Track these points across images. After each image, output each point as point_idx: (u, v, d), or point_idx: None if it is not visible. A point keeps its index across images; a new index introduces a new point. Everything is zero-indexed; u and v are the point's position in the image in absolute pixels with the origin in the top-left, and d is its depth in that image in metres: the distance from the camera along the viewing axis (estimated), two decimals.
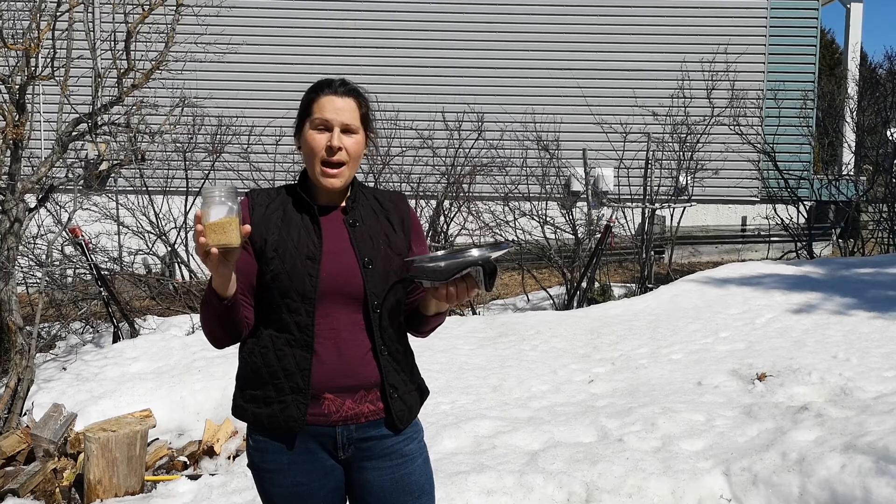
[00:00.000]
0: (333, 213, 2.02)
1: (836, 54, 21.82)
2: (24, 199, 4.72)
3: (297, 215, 2.00)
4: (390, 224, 2.06)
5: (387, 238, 2.03)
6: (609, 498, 3.41)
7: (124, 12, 4.89)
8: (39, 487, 4.09)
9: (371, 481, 2.02)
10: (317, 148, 1.96)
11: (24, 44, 4.42)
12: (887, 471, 3.17)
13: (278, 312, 1.96)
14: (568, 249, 8.94)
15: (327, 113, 1.96)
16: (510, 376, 5.19)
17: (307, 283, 1.94)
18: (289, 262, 1.94)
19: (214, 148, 9.53)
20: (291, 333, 1.95)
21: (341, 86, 2.00)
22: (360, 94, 2.03)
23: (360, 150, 2.01)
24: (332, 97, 1.98)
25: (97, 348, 6.55)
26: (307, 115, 2.00)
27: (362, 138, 2.02)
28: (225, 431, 4.68)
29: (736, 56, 10.91)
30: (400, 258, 2.03)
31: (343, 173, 1.98)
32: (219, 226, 1.74)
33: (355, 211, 2.03)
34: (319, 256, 1.96)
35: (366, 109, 2.03)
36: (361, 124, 2.01)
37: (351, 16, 11.98)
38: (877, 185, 10.45)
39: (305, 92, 2.03)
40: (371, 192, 2.10)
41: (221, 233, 1.74)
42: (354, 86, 2.03)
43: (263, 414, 1.98)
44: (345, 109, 1.97)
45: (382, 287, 1.99)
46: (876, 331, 5.56)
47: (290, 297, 1.94)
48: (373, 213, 2.05)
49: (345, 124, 1.97)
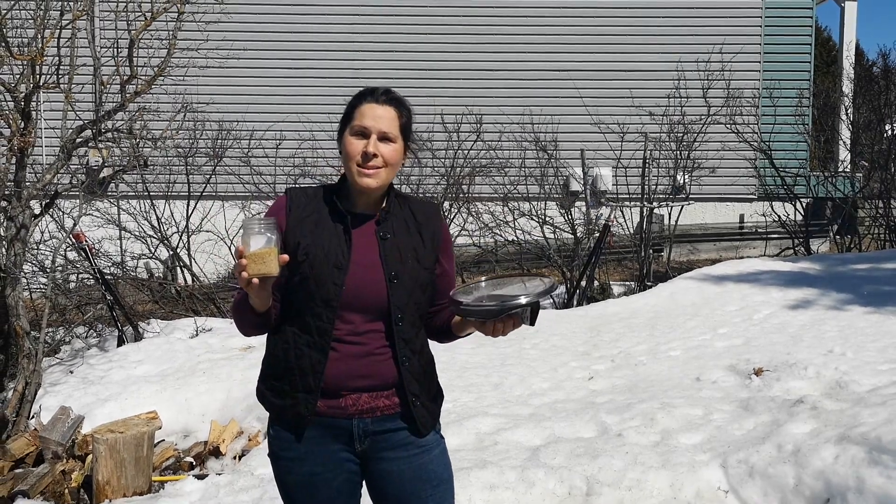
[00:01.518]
0: (366, 223, 2.07)
1: (833, 52, 21.86)
2: (29, 206, 4.78)
3: (330, 222, 2.05)
4: (421, 238, 2.10)
5: (415, 252, 2.08)
6: (609, 491, 3.48)
7: (127, 20, 4.96)
8: (49, 489, 4.16)
9: (390, 471, 2.08)
10: (353, 153, 2.02)
11: (29, 54, 4.49)
12: (880, 461, 3.24)
13: (303, 314, 2.04)
14: (567, 249, 9.01)
15: (366, 120, 2.02)
16: (511, 374, 5.26)
17: (331, 291, 2.00)
18: (317, 268, 2.01)
19: (215, 153, 9.60)
20: (312, 336, 2.03)
21: (383, 94, 2.05)
22: (402, 103, 2.08)
23: (398, 158, 2.06)
24: (373, 105, 2.03)
25: (102, 352, 6.61)
26: (349, 120, 2.06)
27: (401, 147, 2.06)
28: (230, 432, 4.74)
29: (731, 55, 10.99)
30: (427, 272, 2.08)
31: (379, 174, 2.02)
32: (258, 256, 1.86)
33: (387, 223, 2.08)
34: (347, 266, 2.01)
35: (406, 119, 2.08)
36: (400, 133, 2.06)
37: (350, 20, 12.06)
38: (873, 182, 10.51)
39: (350, 99, 2.09)
40: (406, 203, 2.14)
41: (261, 263, 1.86)
42: (397, 95, 2.08)
43: (277, 404, 2.09)
44: (384, 118, 2.02)
45: (406, 300, 2.05)
46: (871, 325, 5.62)
47: (314, 302, 2.01)
48: (405, 225, 2.10)
49: (382, 132, 2.02)
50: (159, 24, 5.09)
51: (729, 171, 11.34)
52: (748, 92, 10.84)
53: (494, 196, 9.46)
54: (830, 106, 11.74)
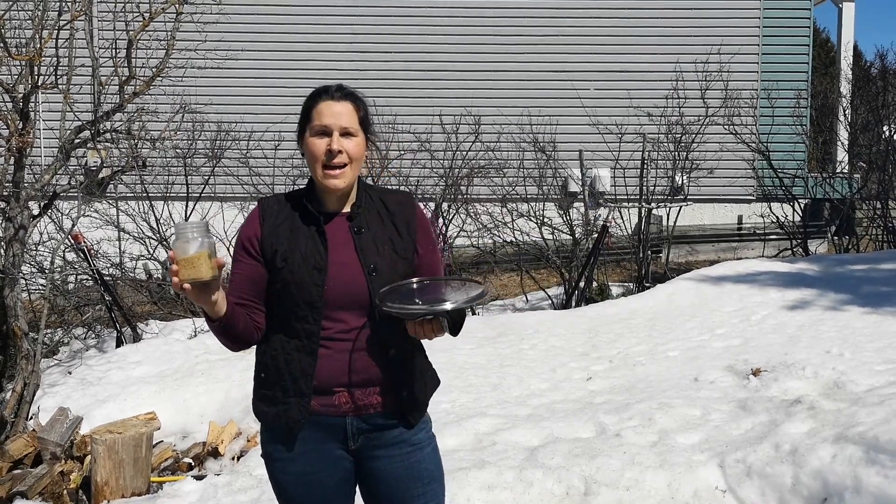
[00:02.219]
0: (339, 219, 2.08)
1: (831, 53, 21.89)
2: (28, 207, 4.79)
3: (304, 225, 2.06)
4: (395, 228, 2.10)
5: (392, 243, 2.09)
6: (607, 491, 3.48)
7: (125, 21, 4.96)
8: (47, 489, 4.16)
9: (382, 469, 2.10)
10: (317, 153, 2.03)
11: (27, 54, 4.49)
12: (877, 460, 3.25)
13: (288, 319, 2.05)
14: (566, 250, 9.02)
15: (326, 118, 2.03)
16: (510, 375, 5.26)
17: (314, 293, 2.01)
18: (297, 272, 2.02)
19: (214, 153, 9.60)
20: (300, 339, 2.04)
21: (337, 91, 2.07)
22: (357, 97, 2.09)
23: (361, 151, 2.08)
24: (330, 102, 2.04)
25: (100, 353, 6.62)
26: (307, 122, 2.07)
27: (362, 140, 2.08)
28: (229, 433, 4.75)
29: (729, 56, 10.99)
30: (405, 262, 2.09)
31: (346, 174, 2.04)
32: (188, 261, 1.82)
33: (360, 217, 2.09)
34: (326, 266, 2.03)
35: (364, 112, 2.09)
36: (360, 126, 2.07)
37: (349, 21, 12.06)
38: (870, 183, 10.52)
39: (304, 100, 2.10)
40: (377, 194, 2.15)
41: (191, 268, 1.82)
42: (351, 90, 2.09)
43: (270, 413, 2.08)
44: (343, 113, 2.04)
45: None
46: (869, 326, 5.63)
47: (298, 306, 2.03)
48: (378, 217, 2.10)
49: (343, 128, 2.03)
50: (157, 25, 5.09)
51: (727, 172, 11.34)
52: (746, 93, 10.85)
53: (493, 197, 9.46)
54: (828, 107, 11.75)
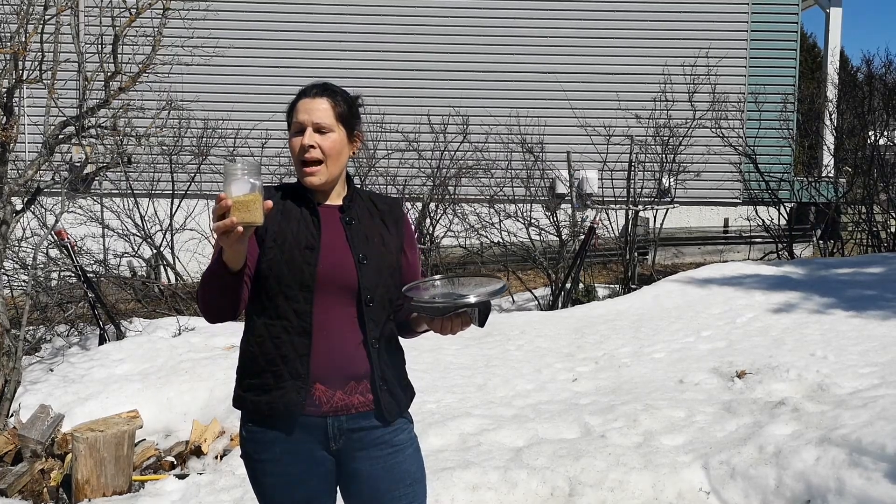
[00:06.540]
0: (331, 209, 2.09)
1: (818, 58, 22.04)
2: (10, 202, 4.74)
3: (296, 208, 2.06)
4: (384, 224, 2.12)
5: (381, 236, 2.10)
6: (591, 492, 3.48)
7: (112, 16, 4.92)
8: (27, 488, 4.11)
9: (363, 471, 2.08)
10: (294, 149, 2.05)
11: (12, 47, 4.45)
12: (860, 462, 3.26)
13: (274, 301, 2.01)
14: (553, 251, 9.03)
15: (300, 115, 2.05)
16: (495, 375, 5.25)
17: (305, 273, 2.00)
18: (287, 251, 2.00)
19: (200, 150, 9.54)
20: (289, 320, 2.00)
21: (315, 88, 2.07)
22: (335, 93, 2.08)
23: (338, 148, 2.06)
24: (306, 100, 2.06)
25: (83, 350, 6.56)
26: (290, 121, 2.09)
27: (340, 137, 2.06)
28: (212, 431, 4.71)
29: (717, 60, 11.03)
30: (393, 256, 2.10)
31: (320, 171, 2.04)
32: (244, 203, 1.70)
33: (351, 210, 2.10)
34: (318, 246, 2.02)
35: (344, 108, 2.07)
36: (338, 122, 2.06)
37: (337, 19, 12.03)
38: (856, 187, 10.60)
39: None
40: (367, 195, 2.17)
41: (245, 210, 1.70)
42: (332, 87, 2.09)
43: (262, 401, 2.02)
44: (317, 109, 2.04)
45: (375, 282, 2.05)
46: (853, 329, 5.66)
47: (287, 286, 2.00)
48: (368, 213, 2.12)
49: (316, 123, 2.03)
50: (144, 21, 5.05)
51: (714, 174, 11.40)
52: (734, 96, 10.90)
53: (480, 197, 9.46)
54: (815, 111, 11.82)
